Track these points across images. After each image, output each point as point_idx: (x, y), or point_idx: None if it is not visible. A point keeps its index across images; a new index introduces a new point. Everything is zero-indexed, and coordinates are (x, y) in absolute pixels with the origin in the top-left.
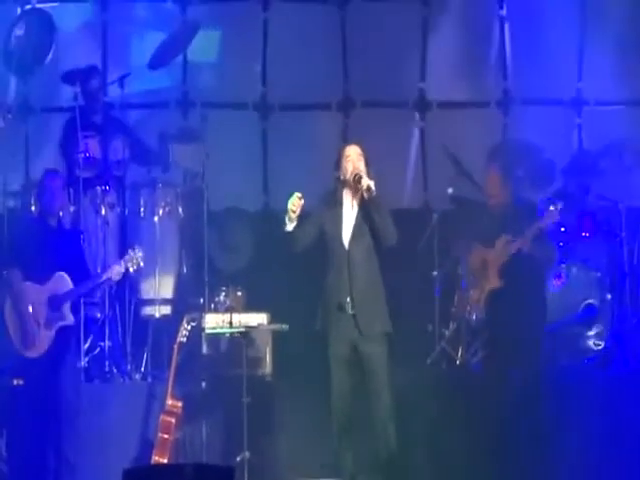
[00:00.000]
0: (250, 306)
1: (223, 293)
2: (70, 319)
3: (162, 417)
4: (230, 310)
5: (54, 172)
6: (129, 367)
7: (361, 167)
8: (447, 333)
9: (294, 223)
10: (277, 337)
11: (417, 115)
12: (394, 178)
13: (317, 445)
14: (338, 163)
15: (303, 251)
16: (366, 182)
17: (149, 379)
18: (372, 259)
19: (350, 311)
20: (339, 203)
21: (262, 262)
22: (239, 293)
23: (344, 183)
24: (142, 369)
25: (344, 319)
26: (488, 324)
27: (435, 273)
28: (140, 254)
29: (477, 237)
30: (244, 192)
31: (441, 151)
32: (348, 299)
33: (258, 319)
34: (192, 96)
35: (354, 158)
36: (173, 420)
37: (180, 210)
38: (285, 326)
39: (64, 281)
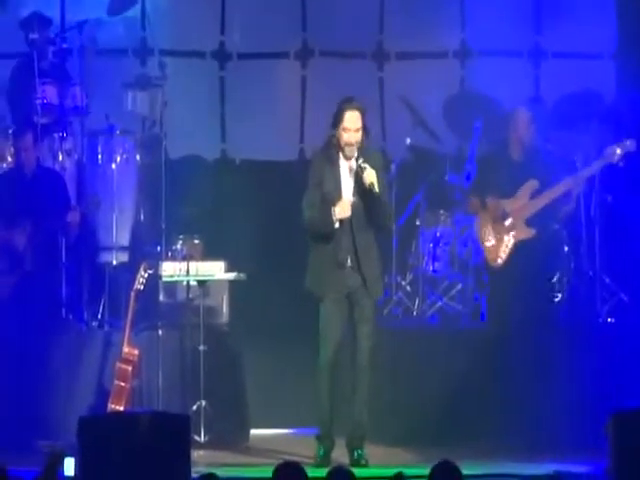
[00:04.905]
0: (208, 254)
1: (180, 241)
2: None
3: (118, 365)
4: (187, 258)
5: (29, 121)
6: (86, 314)
7: (359, 138)
8: (404, 284)
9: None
10: (234, 286)
11: (375, 65)
12: None
13: (273, 394)
14: (336, 119)
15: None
16: (369, 179)
17: (106, 327)
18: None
19: (350, 266)
20: (335, 161)
21: (219, 210)
22: (196, 241)
23: (338, 145)
24: (99, 316)
25: (344, 275)
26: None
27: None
28: None
29: (496, 191)
30: (202, 140)
31: (399, 101)
32: (349, 259)
33: (215, 268)
34: (150, 44)
35: (352, 131)
36: (129, 368)
37: (138, 158)
38: (243, 275)
39: None
